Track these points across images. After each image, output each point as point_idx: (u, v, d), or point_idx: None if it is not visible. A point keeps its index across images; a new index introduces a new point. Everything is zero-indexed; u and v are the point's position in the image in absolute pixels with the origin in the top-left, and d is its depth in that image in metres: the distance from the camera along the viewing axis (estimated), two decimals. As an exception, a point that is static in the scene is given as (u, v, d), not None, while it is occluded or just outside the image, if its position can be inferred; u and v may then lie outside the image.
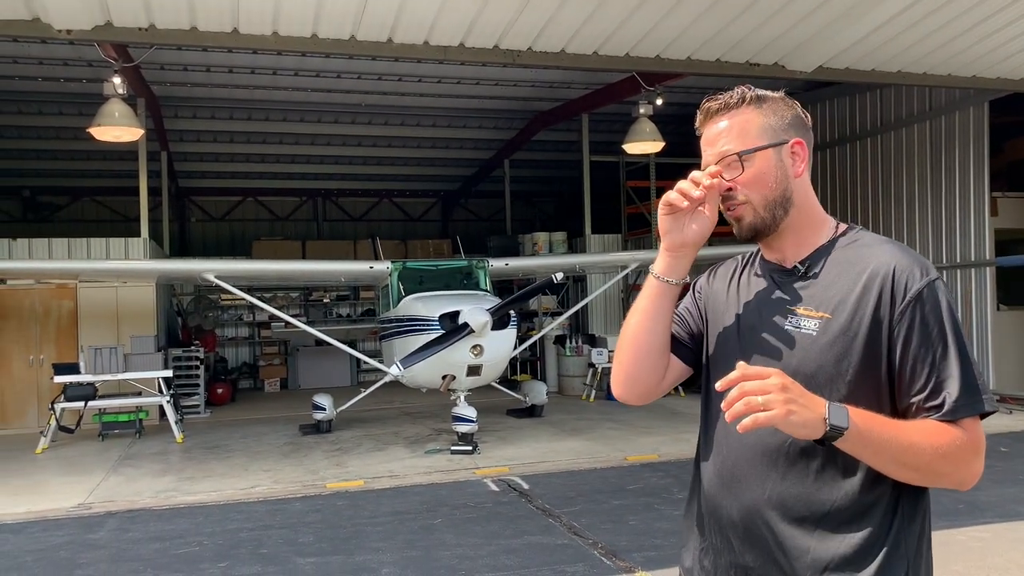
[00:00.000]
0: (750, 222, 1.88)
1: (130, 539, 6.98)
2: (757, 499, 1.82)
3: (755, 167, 1.86)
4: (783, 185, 1.87)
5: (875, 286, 1.77)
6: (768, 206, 1.87)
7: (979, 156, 12.88)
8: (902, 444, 1.66)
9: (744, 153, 1.85)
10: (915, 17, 9.23)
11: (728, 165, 1.86)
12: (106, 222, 20.73)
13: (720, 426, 1.91)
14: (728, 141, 1.87)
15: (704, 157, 1.92)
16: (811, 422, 1.60)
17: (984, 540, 6.29)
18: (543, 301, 16.90)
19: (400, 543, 6.60)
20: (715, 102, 1.91)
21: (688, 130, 9.90)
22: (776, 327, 1.85)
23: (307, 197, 23.16)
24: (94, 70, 12.63)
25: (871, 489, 1.75)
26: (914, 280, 1.75)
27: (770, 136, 1.87)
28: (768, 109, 1.89)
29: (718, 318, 2.01)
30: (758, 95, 1.89)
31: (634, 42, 9.60)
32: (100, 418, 12.02)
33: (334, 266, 14.12)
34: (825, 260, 1.87)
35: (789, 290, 1.88)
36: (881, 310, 1.75)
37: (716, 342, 1.99)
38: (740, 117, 1.88)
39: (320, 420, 12.14)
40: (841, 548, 1.74)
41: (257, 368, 19.39)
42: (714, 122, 1.91)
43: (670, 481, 8.41)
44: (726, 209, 1.90)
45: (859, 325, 1.76)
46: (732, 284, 2.03)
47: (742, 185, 1.86)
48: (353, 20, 8.56)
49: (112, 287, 13.57)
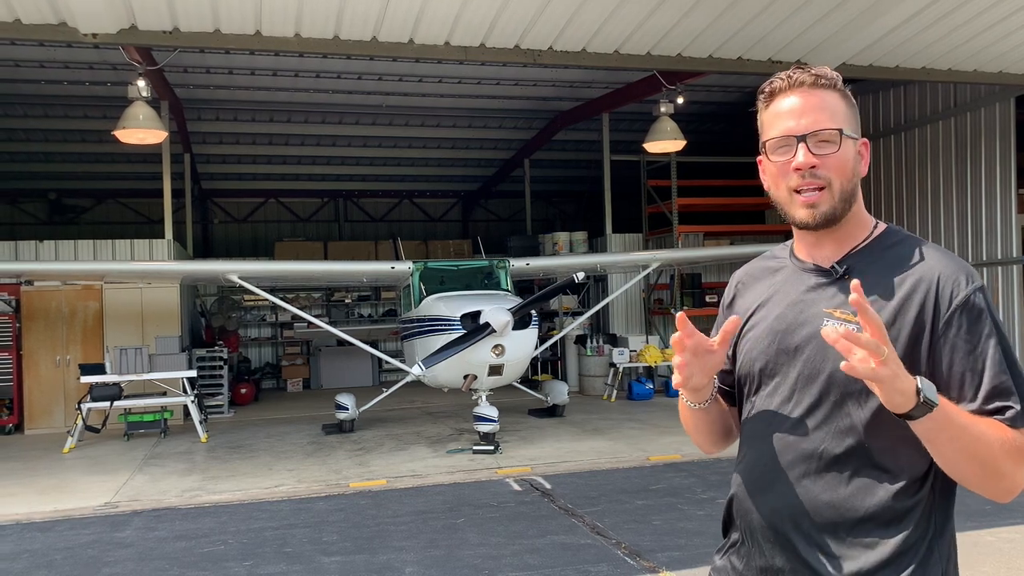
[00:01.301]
0: (826, 210, 1.79)
1: (156, 538, 7.05)
2: (789, 504, 1.79)
3: (844, 152, 1.80)
4: (856, 180, 1.83)
5: (919, 293, 1.73)
6: (844, 196, 1.80)
7: (1005, 152, 12.72)
8: (975, 434, 1.61)
9: (846, 133, 1.79)
10: (940, 12, 9.13)
11: (822, 139, 1.78)
12: (130, 224, 20.96)
13: (752, 429, 1.90)
14: (823, 116, 1.78)
15: (782, 126, 1.81)
16: (908, 391, 1.55)
17: (1014, 541, 6.21)
18: (564, 301, 16.88)
19: (423, 542, 6.62)
20: (807, 75, 1.81)
21: (710, 128, 9.94)
22: (811, 331, 1.80)
23: (329, 198, 23.27)
24: (118, 73, 12.77)
25: (905, 496, 1.72)
26: (959, 288, 1.71)
27: (852, 127, 1.82)
28: (849, 101, 1.85)
29: (754, 321, 1.96)
30: (844, 85, 1.84)
31: (655, 40, 9.57)
32: (126, 418, 12.15)
33: (355, 266, 14.17)
34: (864, 262, 1.82)
35: (827, 292, 1.83)
36: (924, 317, 1.71)
37: (750, 344, 1.94)
38: (830, 98, 1.81)
39: (343, 420, 12.20)
40: (874, 556, 1.71)
41: (280, 368, 19.51)
42: (803, 94, 1.81)
43: (693, 481, 8.36)
44: (798, 188, 1.79)
45: (899, 332, 1.71)
46: (768, 284, 1.98)
47: (830, 166, 1.78)
48: (375, 21, 8.59)
49: (137, 288, 13.71)
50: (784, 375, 1.84)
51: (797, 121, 1.78)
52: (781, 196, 1.84)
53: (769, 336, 1.88)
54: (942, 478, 1.74)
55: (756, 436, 1.88)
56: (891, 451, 1.72)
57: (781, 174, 1.82)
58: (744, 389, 1.95)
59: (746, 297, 2.02)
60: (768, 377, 1.87)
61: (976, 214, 13.26)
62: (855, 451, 1.74)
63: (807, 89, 1.80)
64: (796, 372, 1.81)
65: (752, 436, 1.90)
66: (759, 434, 1.87)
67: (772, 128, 1.83)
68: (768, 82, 1.86)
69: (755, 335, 1.93)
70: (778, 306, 1.90)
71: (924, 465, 1.73)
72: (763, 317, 1.93)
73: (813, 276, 1.87)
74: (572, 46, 9.53)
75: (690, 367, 1.83)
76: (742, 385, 1.96)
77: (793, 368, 1.82)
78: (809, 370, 1.79)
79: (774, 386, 1.85)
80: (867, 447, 1.73)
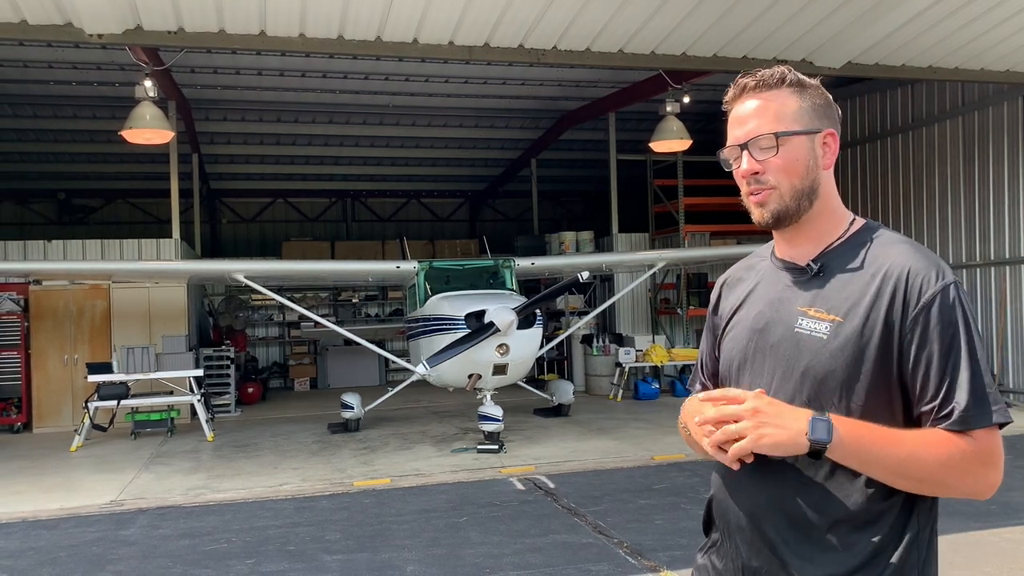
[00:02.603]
0: (774, 209, 1.81)
1: (160, 536, 7.08)
2: (765, 504, 1.78)
3: (789, 152, 1.79)
4: (813, 175, 1.81)
5: (888, 289, 1.71)
6: (796, 195, 1.80)
7: (1014, 151, 12.65)
8: (900, 455, 1.62)
9: (782, 135, 1.78)
10: (947, 10, 9.08)
11: (761, 147, 1.79)
12: (138, 224, 21.06)
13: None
14: (763, 121, 1.79)
15: (731, 135, 1.84)
16: (786, 442, 1.63)
17: (1016, 541, 6.18)
18: (570, 300, 16.87)
19: (425, 541, 6.63)
20: (751, 79, 1.82)
21: (716, 127, 9.99)
22: (786, 329, 1.80)
23: (336, 198, 23.33)
24: (126, 74, 12.83)
25: (880, 497, 1.70)
26: (929, 284, 1.69)
27: (806, 122, 1.80)
28: (806, 94, 1.83)
29: (735, 320, 1.96)
30: (798, 78, 1.83)
31: (659, 40, 9.55)
32: (132, 417, 12.20)
33: (362, 266, 14.21)
34: (839, 260, 1.80)
35: (801, 290, 1.82)
36: (893, 314, 1.70)
37: (730, 343, 1.95)
38: (777, 98, 1.81)
39: (348, 419, 12.23)
40: (850, 557, 1.70)
41: (287, 367, 19.58)
42: (748, 99, 1.83)
43: (697, 480, 8.35)
44: (749, 193, 1.83)
45: (871, 330, 1.70)
46: (749, 283, 1.98)
47: (773, 170, 1.79)
48: (379, 21, 8.61)
49: (144, 288, 13.77)
50: (761, 373, 1.84)
51: (740, 129, 1.82)
52: (744, 201, 1.88)
53: (747, 335, 1.89)
54: None
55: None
56: None
57: (739, 181, 1.86)
58: (720, 386, 1.96)
59: (729, 298, 2.02)
60: (745, 375, 1.88)
61: (984, 213, 13.19)
62: None
63: (751, 93, 1.82)
64: (772, 370, 1.81)
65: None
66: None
67: (728, 138, 1.86)
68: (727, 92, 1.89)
69: (735, 334, 1.94)
70: (757, 304, 1.91)
71: None
72: (743, 316, 1.93)
73: (789, 274, 1.87)
74: (576, 45, 9.52)
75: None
76: (723, 384, 1.96)
77: (769, 366, 1.82)
78: (784, 368, 1.79)
79: (751, 384, 1.84)
80: None
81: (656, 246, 16.57)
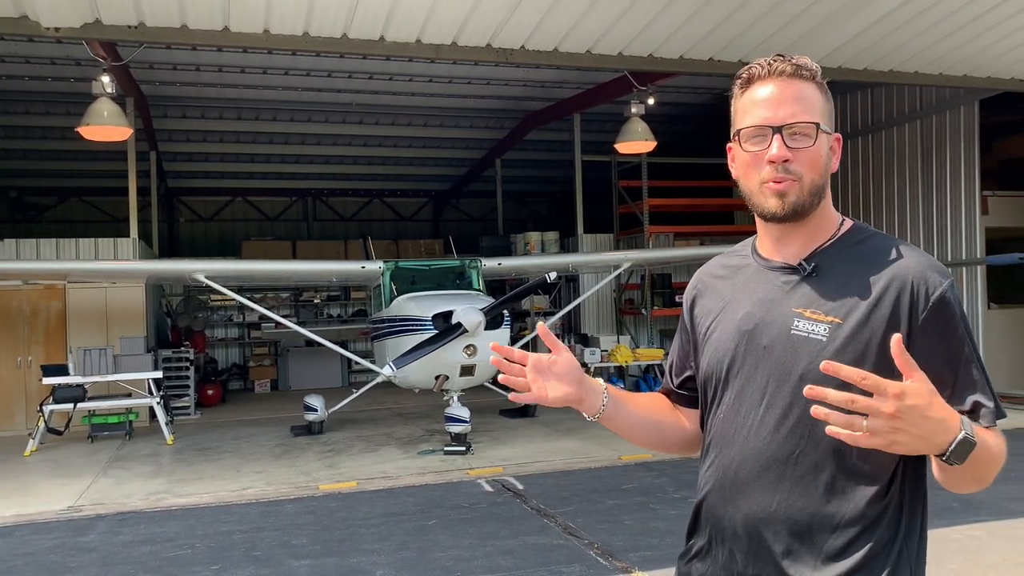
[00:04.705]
0: (794, 201, 1.74)
1: (121, 542, 6.91)
2: (763, 511, 1.74)
3: (820, 147, 1.75)
4: (826, 175, 1.78)
5: (892, 291, 1.70)
6: (813, 191, 1.75)
7: (970, 155, 12.92)
8: (993, 454, 1.60)
9: (822, 128, 1.74)
10: (907, 16, 9.24)
11: (800, 133, 1.73)
12: (94, 222, 20.57)
13: (721, 432, 1.84)
14: (802, 109, 1.73)
15: (756, 115, 1.75)
16: (924, 450, 1.52)
17: (979, 538, 6.29)
18: (535, 301, 16.87)
19: (394, 544, 6.56)
20: (786, 63, 1.75)
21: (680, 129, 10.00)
22: (780, 330, 1.76)
23: (297, 197, 23.07)
24: (82, 69, 12.52)
25: (878, 498, 1.70)
26: (935, 286, 1.69)
27: (827, 121, 1.78)
28: (827, 94, 1.80)
29: (717, 321, 1.90)
30: (821, 78, 1.79)
31: (627, 41, 9.58)
32: (89, 420, 11.91)
33: (325, 266, 14.04)
34: (833, 260, 1.78)
35: (795, 290, 1.78)
36: (899, 316, 1.68)
37: (715, 345, 1.88)
38: (809, 90, 1.76)
39: (312, 421, 12.07)
40: (851, 560, 1.68)
41: (247, 369, 19.28)
42: (781, 83, 1.75)
43: (665, 480, 8.38)
44: (773, 180, 1.74)
45: (873, 332, 1.68)
46: (731, 283, 1.92)
47: (803, 160, 1.73)
48: (346, 18, 8.50)
49: (101, 288, 13.45)
50: (753, 376, 1.79)
51: (774, 112, 1.72)
52: (751, 186, 1.78)
53: (736, 336, 1.83)
54: (911, 477, 1.73)
55: (726, 440, 1.82)
56: (866, 453, 1.68)
57: (754, 164, 1.76)
58: (709, 391, 1.89)
59: (708, 297, 1.96)
60: (736, 378, 1.82)
61: (941, 216, 13.46)
62: (830, 454, 1.70)
63: (786, 79, 1.74)
64: (767, 373, 1.76)
65: (722, 440, 1.84)
66: (729, 438, 1.81)
67: (747, 116, 1.76)
68: (746, 68, 1.79)
69: (720, 335, 1.88)
70: (744, 305, 1.84)
71: (893, 465, 1.71)
72: (728, 317, 1.87)
73: (780, 274, 1.82)
74: (544, 45, 9.50)
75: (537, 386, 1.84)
76: (707, 387, 1.90)
77: (763, 369, 1.77)
78: (780, 371, 1.74)
79: (743, 388, 1.80)
80: (842, 450, 1.69)
81: (621, 247, 16.62)
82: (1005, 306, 13.49)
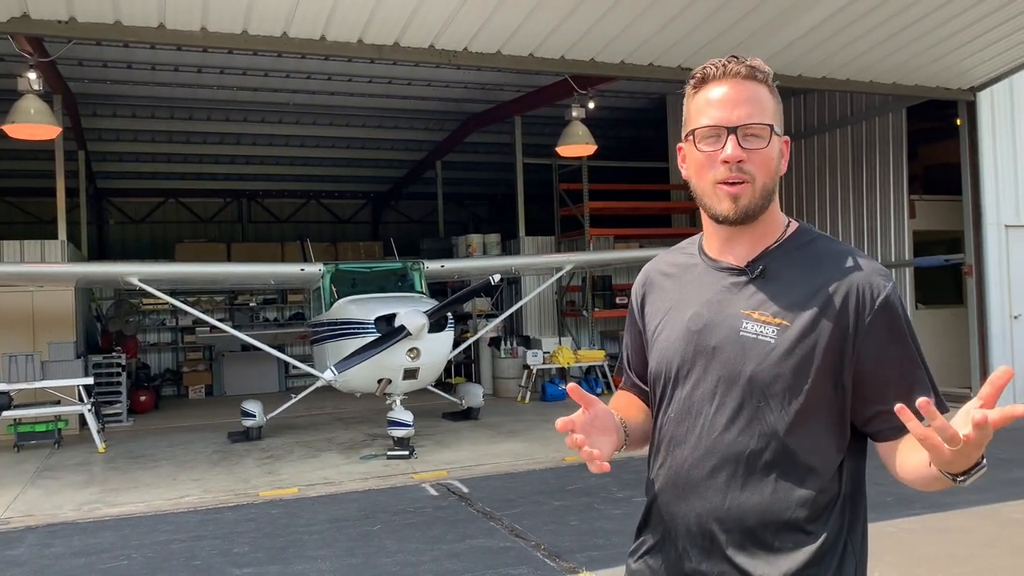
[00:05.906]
0: (746, 204, 1.75)
1: (52, 555, 6.66)
2: (716, 509, 1.76)
3: (772, 149, 1.76)
4: (776, 178, 1.79)
5: (839, 295, 1.72)
6: (764, 193, 1.76)
7: (898, 160, 13.35)
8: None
9: (776, 130, 1.75)
10: (839, 25, 9.52)
11: (754, 135, 1.73)
12: (19, 224, 19.78)
13: (672, 432, 1.85)
14: (757, 111, 1.74)
15: (711, 115, 1.74)
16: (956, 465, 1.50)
17: (914, 531, 6.49)
18: (477, 303, 16.84)
19: (339, 551, 6.46)
20: (740, 65, 1.75)
21: (619, 134, 10.15)
22: (729, 332, 1.77)
23: (231, 198, 22.61)
24: (6, 65, 12.07)
25: (825, 494, 1.73)
26: (879, 289, 1.73)
27: (778, 123, 1.79)
28: (778, 98, 1.81)
29: (666, 320, 1.91)
30: (773, 81, 1.80)
31: (569, 45, 9.64)
32: (15, 428, 11.45)
33: (264, 268, 13.78)
34: (779, 262, 1.79)
35: (743, 292, 1.79)
36: (846, 319, 1.71)
37: (663, 345, 1.89)
38: (762, 92, 1.76)
39: (250, 427, 11.82)
40: (802, 555, 1.71)
41: (181, 374, 18.80)
42: (735, 84, 1.75)
43: (609, 480, 8.42)
44: (727, 181, 1.74)
45: (820, 334, 1.71)
46: (679, 282, 1.92)
47: (756, 162, 1.73)
48: (286, 16, 8.37)
49: (28, 291, 12.95)
50: (702, 377, 1.80)
51: (730, 112, 1.72)
52: (703, 186, 1.78)
53: (685, 337, 1.83)
54: (852, 472, 1.77)
55: (677, 440, 1.83)
56: (812, 451, 1.73)
57: (707, 164, 1.75)
58: (659, 391, 1.90)
59: (656, 295, 1.97)
60: (685, 379, 1.83)
61: (872, 218, 13.87)
62: (779, 452, 1.73)
63: (741, 80, 1.74)
64: (716, 374, 1.78)
65: (672, 440, 1.84)
66: (680, 438, 1.82)
67: (702, 116, 1.75)
68: (700, 68, 1.79)
69: (668, 336, 1.88)
70: (692, 305, 1.85)
71: (838, 460, 1.75)
72: (677, 317, 1.88)
73: (727, 275, 1.83)
74: (487, 48, 9.51)
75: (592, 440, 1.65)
76: (656, 386, 1.91)
77: (712, 370, 1.78)
78: (729, 372, 1.76)
79: (691, 388, 1.81)
80: (791, 448, 1.72)
81: (562, 249, 16.71)
82: (931, 306, 13.97)
